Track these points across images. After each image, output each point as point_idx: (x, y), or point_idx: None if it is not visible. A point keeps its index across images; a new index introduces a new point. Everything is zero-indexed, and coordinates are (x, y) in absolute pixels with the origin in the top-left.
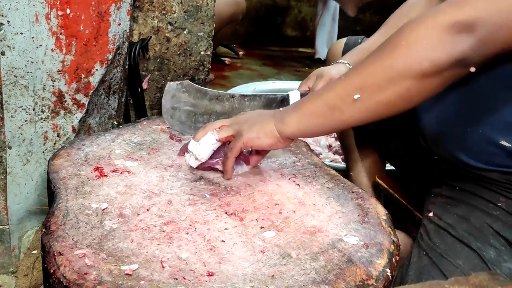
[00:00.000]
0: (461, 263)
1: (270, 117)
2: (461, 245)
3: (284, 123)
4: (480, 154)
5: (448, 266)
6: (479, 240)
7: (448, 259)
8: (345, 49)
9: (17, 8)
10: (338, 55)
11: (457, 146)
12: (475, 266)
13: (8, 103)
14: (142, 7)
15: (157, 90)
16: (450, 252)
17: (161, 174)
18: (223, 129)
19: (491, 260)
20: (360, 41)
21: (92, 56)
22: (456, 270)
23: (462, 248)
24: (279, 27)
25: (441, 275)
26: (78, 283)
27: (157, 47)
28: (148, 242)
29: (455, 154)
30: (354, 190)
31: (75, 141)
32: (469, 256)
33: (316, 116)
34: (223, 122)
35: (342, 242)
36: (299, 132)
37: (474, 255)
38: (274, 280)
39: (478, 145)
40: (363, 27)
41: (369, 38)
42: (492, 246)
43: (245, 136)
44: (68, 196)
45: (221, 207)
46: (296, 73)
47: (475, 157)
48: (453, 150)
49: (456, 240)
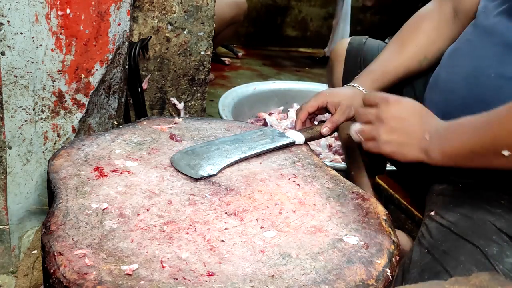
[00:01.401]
0: (464, 259)
1: (415, 143)
2: (463, 242)
3: (428, 155)
4: None
5: (450, 262)
6: (482, 237)
7: (450, 255)
8: (349, 49)
9: (17, 8)
10: (342, 55)
11: None
12: (478, 262)
13: (8, 103)
14: (142, 7)
15: (157, 90)
16: (453, 249)
17: (161, 174)
18: (365, 131)
19: (493, 256)
20: (364, 41)
21: (92, 56)
22: (458, 266)
23: (464, 245)
24: (279, 27)
25: (444, 271)
26: (78, 283)
27: (157, 47)
28: (148, 242)
29: None
30: (354, 190)
31: (75, 141)
32: (472, 252)
33: (462, 158)
34: (366, 115)
35: (342, 242)
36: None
37: (477, 251)
38: (274, 280)
39: None
40: (363, 27)
41: (378, 56)
42: (494, 243)
43: (384, 148)
44: (68, 196)
45: (221, 207)
46: (296, 73)
47: None
48: None
49: (458, 237)
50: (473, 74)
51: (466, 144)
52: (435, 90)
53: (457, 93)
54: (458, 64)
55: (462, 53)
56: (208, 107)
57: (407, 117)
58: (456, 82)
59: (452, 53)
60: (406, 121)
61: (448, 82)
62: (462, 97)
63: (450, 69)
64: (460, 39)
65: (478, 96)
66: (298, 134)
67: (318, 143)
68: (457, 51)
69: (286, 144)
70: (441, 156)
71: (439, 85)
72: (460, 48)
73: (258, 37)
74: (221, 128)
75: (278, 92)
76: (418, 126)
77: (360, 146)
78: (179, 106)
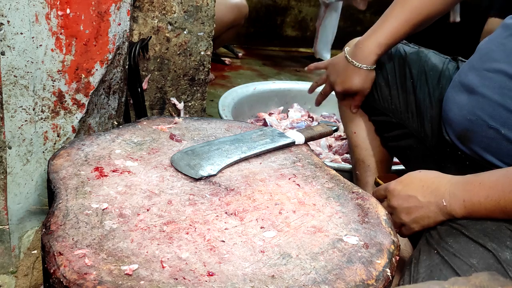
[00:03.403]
0: (475, 262)
1: (436, 211)
2: (475, 245)
3: (452, 216)
4: (510, 158)
5: (461, 265)
6: (494, 241)
7: (461, 258)
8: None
9: (17, 8)
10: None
11: (486, 146)
12: (490, 266)
13: (8, 103)
14: (142, 7)
15: (157, 90)
16: (464, 252)
17: (161, 174)
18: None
19: (506, 261)
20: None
21: (92, 56)
22: (470, 269)
23: (476, 248)
24: (279, 27)
25: (454, 273)
26: (78, 283)
27: (157, 47)
28: (148, 242)
29: (482, 154)
30: (354, 190)
31: (75, 141)
32: (483, 256)
33: (488, 217)
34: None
35: (342, 242)
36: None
37: (489, 255)
38: (274, 280)
39: (509, 149)
40: (363, 27)
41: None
42: (508, 248)
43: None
44: (68, 196)
45: (221, 207)
46: (296, 73)
47: (503, 159)
48: (480, 149)
49: (470, 240)
50: (508, 83)
51: (490, 202)
52: (463, 91)
53: (489, 100)
54: (491, 69)
55: (496, 58)
56: (208, 107)
57: (415, 193)
58: (489, 89)
59: (484, 55)
60: (416, 198)
61: (479, 87)
62: (493, 105)
63: (483, 73)
64: (492, 40)
65: (511, 106)
66: (298, 134)
67: (318, 143)
68: (490, 53)
69: (286, 144)
70: (466, 215)
71: (469, 88)
72: (494, 51)
73: (258, 37)
74: (221, 128)
75: (278, 92)
76: (430, 196)
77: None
78: (179, 106)
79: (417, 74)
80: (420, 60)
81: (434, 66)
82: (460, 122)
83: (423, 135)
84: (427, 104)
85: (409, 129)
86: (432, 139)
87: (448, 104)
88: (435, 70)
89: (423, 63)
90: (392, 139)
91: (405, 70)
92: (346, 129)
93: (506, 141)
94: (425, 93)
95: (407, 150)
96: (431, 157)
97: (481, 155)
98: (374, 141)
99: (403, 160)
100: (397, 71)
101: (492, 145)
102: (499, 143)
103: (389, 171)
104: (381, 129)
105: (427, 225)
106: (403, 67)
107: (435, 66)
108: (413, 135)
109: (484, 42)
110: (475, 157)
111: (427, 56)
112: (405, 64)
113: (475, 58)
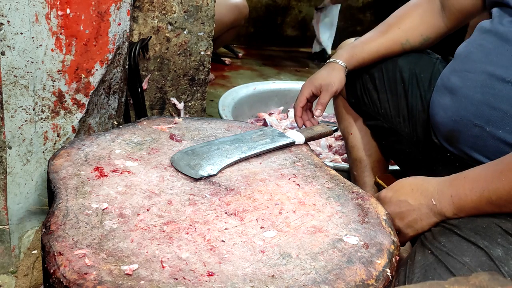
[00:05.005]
0: (468, 260)
1: (427, 212)
2: (467, 243)
3: (444, 215)
4: (496, 155)
5: (454, 263)
6: (486, 239)
7: (454, 257)
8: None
9: (17, 8)
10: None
11: (473, 145)
12: (483, 264)
13: (8, 103)
14: (142, 7)
15: (157, 90)
16: (456, 250)
17: (161, 174)
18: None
19: (499, 258)
20: None
21: (92, 56)
22: (463, 267)
23: (468, 247)
24: (279, 27)
25: (447, 272)
26: (78, 283)
27: (157, 47)
28: (148, 242)
29: (469, 153)
30: (354, 190)
31: (75, 141)
32: (476, 253)
33: (478, 211)
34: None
35: (342, 242)
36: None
37: (482, 252)
38: (274, 280)
39: (495, 146)
40: (363, 27)
41: (364, 35)
42: (500, 245)
43: (409, 233)
44: (68, 196)
45: (221, 207)
46: (296, 73)
47: (490, 156)
48: (467, 148)
49: (462, 239)
50: (488, 81)
51: (475, 193)
52: (446, 94)
53: (471, 100)
54: (472, 69)
55: (476, 59)
56: (208, 107)
57: (406, 197)
58: (471, 89)
59: (464, 58)
60: (407, 202)
61: (462, 88)
62: (476, 104)
63: (464, 75)
64: (470, 43)
65: (494, 103)
66: (298, 134)
67: (318, 143)
68: (470, 55)
69: (286, 144)
70: (457, 212)
71: (452, 90)
72: (473, 53)
73: (258, 37)
74: (221, 128)
75: (278, 92)
76: (420, 198)
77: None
78: (179, 106)
79: (408, 77)
80: (411, 63)
81: (425, 69)
82: (446, 123)
83: (415, 139)
84: (419, 108)
85: (401, 133)
86: (424, 143)
87: (434, 108)
88: (426, 72)
89: (413, 66)
90: (386, 143)
91: (396, 74)
92: (343, 131)
93: (491, 138)
94: (417, 97)
95: (400, 155)
96: (424, 161)
97: (468, 154)
98: (370, 141)
99: (398, 163)
100: (385, 75)
101: (478, 143)
102: (484, 141)
103: (387, 171)
104: (375, 134)
105: (421, 229)
106: (393, 71)
107: (426, 68)
108: (405, 140)
109: (462, 46)
110: (463, 157)
111: (418, 58)
112: (395, 68)
113: (456, 61)
